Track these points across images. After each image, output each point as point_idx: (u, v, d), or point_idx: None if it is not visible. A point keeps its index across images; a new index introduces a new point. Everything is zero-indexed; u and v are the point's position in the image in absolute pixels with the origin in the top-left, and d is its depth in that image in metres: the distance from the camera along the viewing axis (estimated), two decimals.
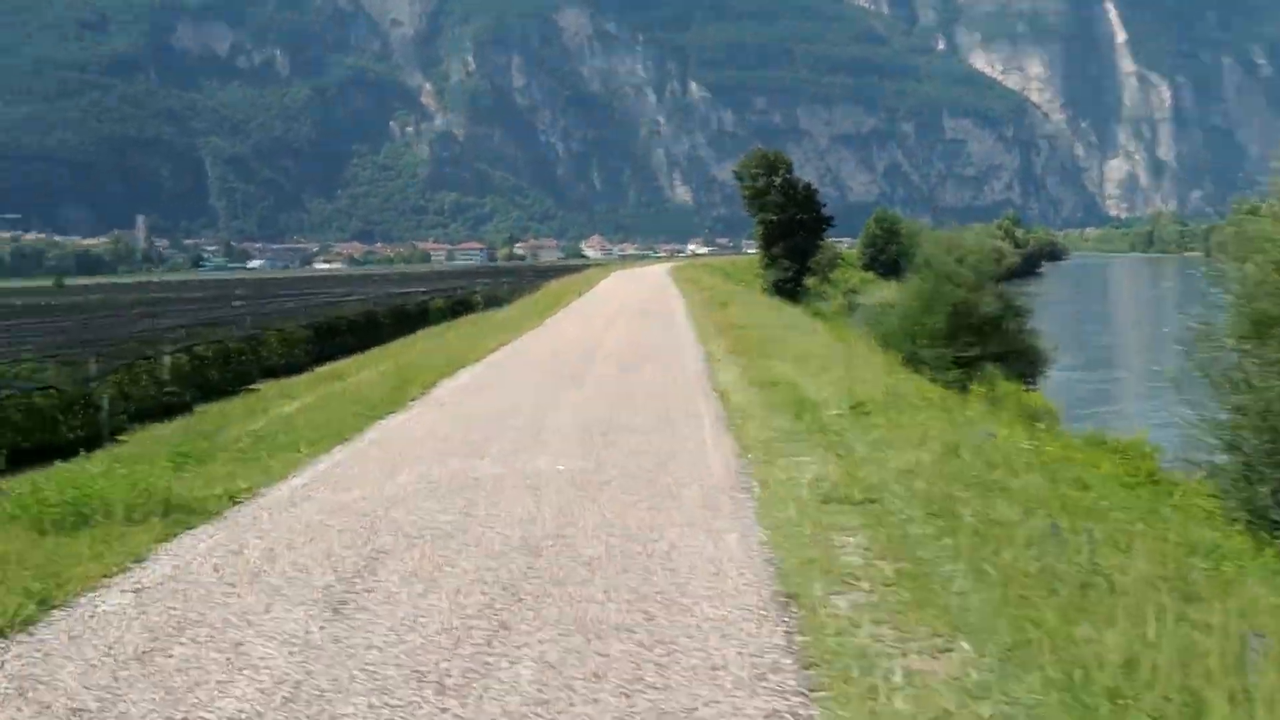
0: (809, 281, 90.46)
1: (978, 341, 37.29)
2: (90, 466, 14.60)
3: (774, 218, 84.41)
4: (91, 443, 23.67)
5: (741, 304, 51.06)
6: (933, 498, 11.72)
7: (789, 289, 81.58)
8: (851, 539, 10.58)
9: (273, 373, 40.12)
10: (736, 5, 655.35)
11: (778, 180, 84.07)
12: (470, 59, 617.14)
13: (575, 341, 35.46)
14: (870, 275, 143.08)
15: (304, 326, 46.66)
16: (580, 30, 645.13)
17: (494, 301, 69.58)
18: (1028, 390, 38.40)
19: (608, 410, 19.67)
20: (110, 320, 55.44)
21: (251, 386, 37.14)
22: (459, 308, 64.08)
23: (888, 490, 12.25)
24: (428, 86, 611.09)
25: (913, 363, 35.45)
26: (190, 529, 11.73)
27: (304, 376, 34.47)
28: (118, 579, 10.01)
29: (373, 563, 10.29)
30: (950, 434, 15.84)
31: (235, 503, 12.96)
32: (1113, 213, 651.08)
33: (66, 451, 19.10)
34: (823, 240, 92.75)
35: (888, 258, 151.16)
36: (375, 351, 40.67)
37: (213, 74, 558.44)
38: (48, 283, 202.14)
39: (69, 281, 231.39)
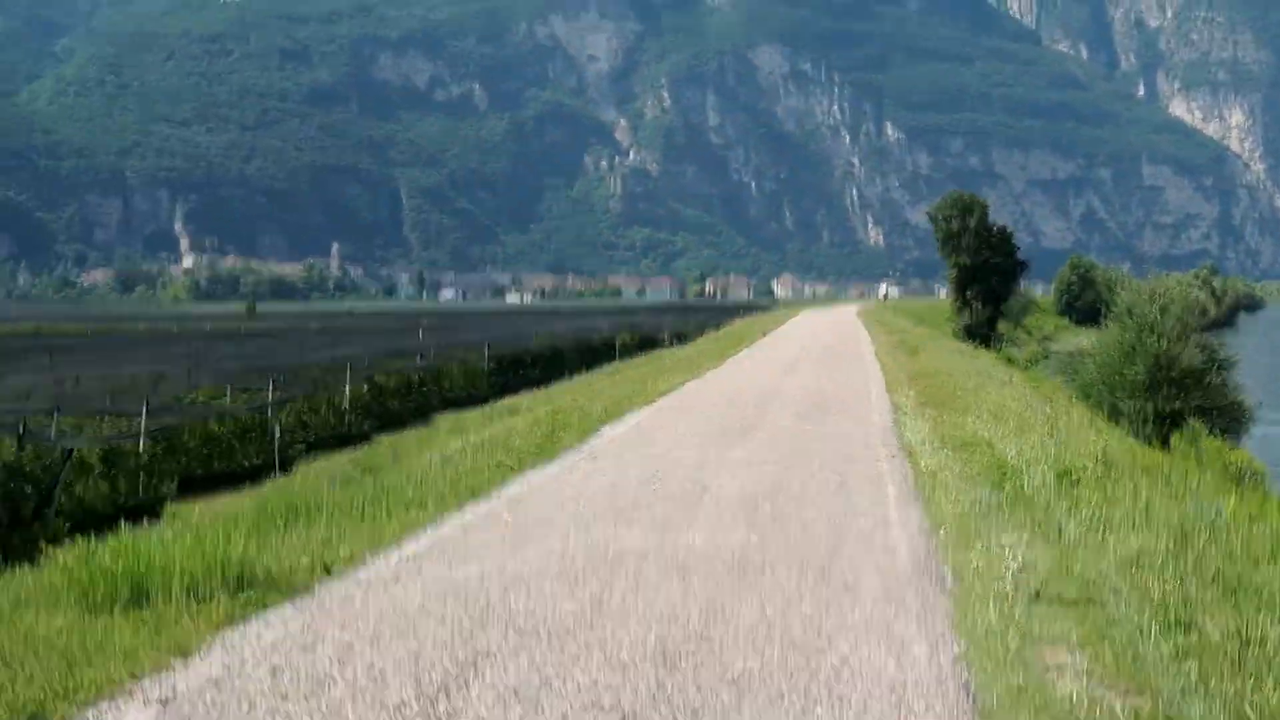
0: (1002, 327, 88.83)
1: (1179, 395, 35.73)
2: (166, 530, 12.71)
3: (967, 261, 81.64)
4: (262, 471, 22.90)
5: (932, 350, 49.05)
6: (1166, 601, 9.59)
7: (981, 334, 79.39)
8: (1068, 658, 8.39)
9: (455, 404, 39.33)
10: (934, 47, 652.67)
11: (972, 223, 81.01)
12: (665, 95, 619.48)
13: (752, 386, 33.79)
14: (1065, 322, 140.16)
15: (488, 358, 45.81)
16: (776, 69, 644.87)
17: (681, 338, 68.12)
18: (1232, 448, 37.19)
19: (779, 472, 17.49)
20: (296, 347, 54.94)
21: (431, 417, 36.12)
22: (645, 343, 62.84)
23: (1109, 587, 10.10)
24: (622, 122, 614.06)
25: (1111, 416, 34.81)
26: (262, 611, 9.76)
27: (480, 411, 32.96)
28: (147, 682, 7.99)
29: (467, 671, 8.23)
30: (1175, 511, 13.58)
31: (328, 575, 11.03)
32: None
33: (240, 478, 18.42)
34: (1017, 285, 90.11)
35: (1083, 304, 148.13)
36: (559, 386, 39.16)
37: (411, 105, 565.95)
38: (241, 308, 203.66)
39: (262, 308, 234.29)
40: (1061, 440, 19.25)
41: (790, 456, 19.12)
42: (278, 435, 27.15)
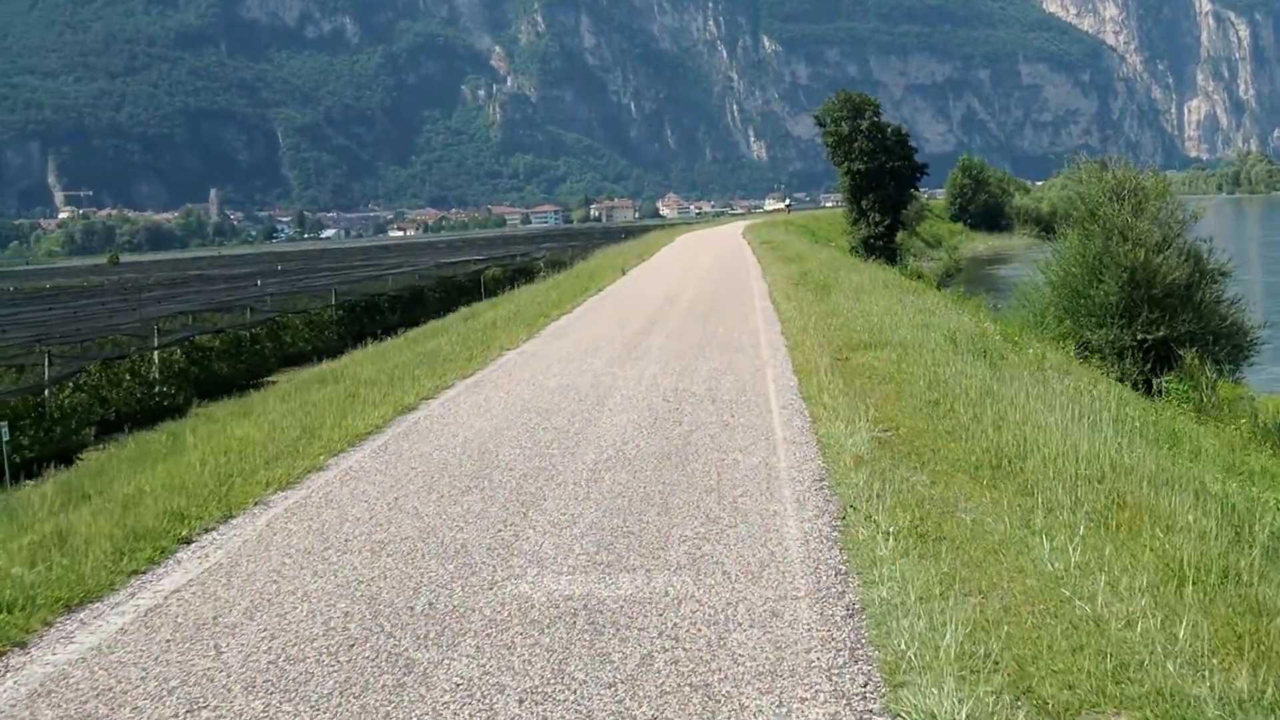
0: (900, 237, 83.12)
1: (1164, 319, 28.24)
2: None
3: (862, 167, 75.07)
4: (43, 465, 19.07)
5: (846, 285, 34.65)
6: None
7: (880, 246, 73.84)
8: None
9: (298, 360, 35.10)
10: None
11: (865, 125, 75.15)
12: (539, 19, 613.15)
13: (563, 390, 19.20)
14: (959, 227, 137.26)
15: (335, 306, 41.03)
16: None
17: (559, 267, 63.14)
18: (1239, 384, 28.58)
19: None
20: (111, 307, 48.33)
21: (269, 379, 32.10)
22: (519, 276, 57.54)
23: None
24: (497, 49, 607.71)
25: (1079, 351, 27.48)
26: None
27: (317, 369, 28.44)
28: None
29: None
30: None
31: None
32: (1193, 154, 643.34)
33: None
34: (916, 190, 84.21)
35: (976, 208, 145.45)
36: (415, 333, 34.69)
37: (282, 44, 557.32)
38: (111, 260, 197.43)
39: (135, 257, 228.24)
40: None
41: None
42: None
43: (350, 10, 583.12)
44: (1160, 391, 25.06)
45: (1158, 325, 27.88)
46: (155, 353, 28.92)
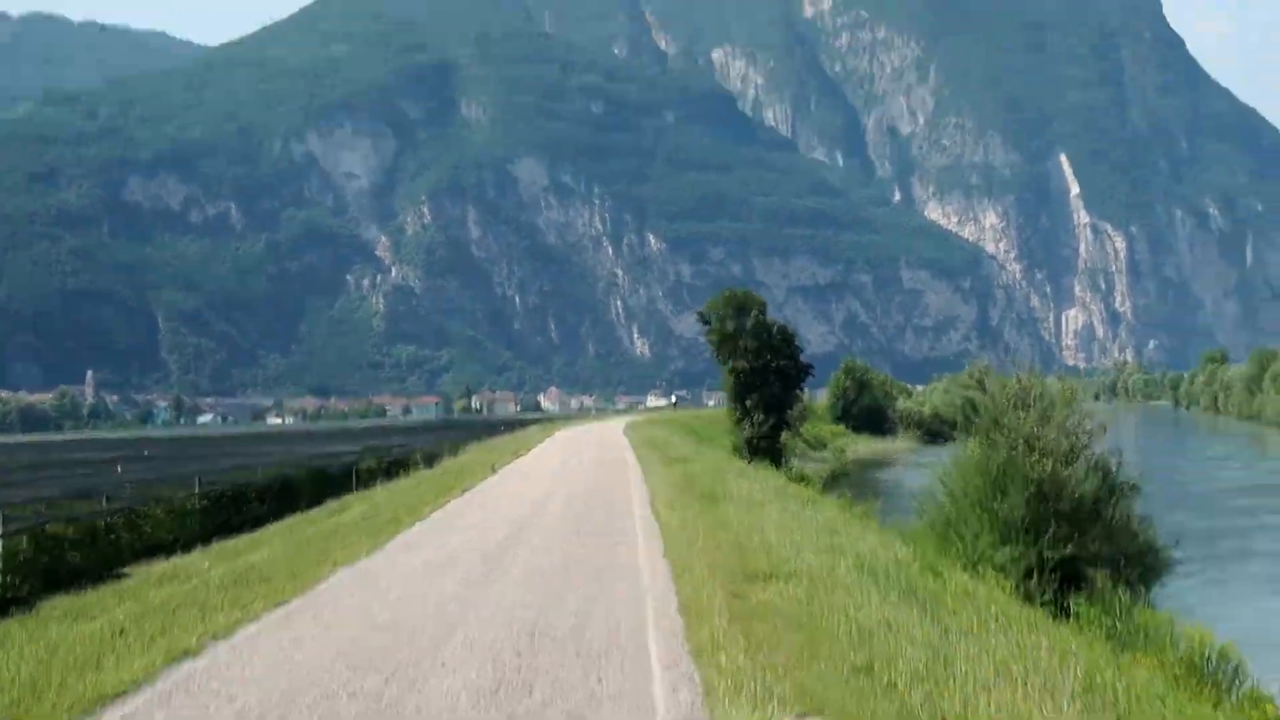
0: (785, 437, 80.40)
1: (1072, 536, 25.89)
2: None
3: (746, 365, 73.08)
4: None
5: (736, 493, 33.03)
6: None
7: (764, 447, 71.94)
8: None
9: (158, 550, 32.68)
10: (692, 157, 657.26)
11: (749, 323, 72.91)
12: (425, 210, 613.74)
13: (394, 628, 15.68)
14: (842, 429, 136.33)
15: (199, 495, 38.41)
16: (536, 181, 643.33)
17: (433, 460, 60.91)
18: (1150, 609, 24.95)
19: None
20: None
21: (123, 571, 29.49)
22: (393, 468, 55.35)
23: None
24: (383, 239, 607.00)
25: (978, 565, 25.21)
26: None
27: (173, 562, 26.32)
28: None
29: None
30: None
31: None
32: (1070, 362, 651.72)
33: None
34: (801, 391, 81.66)
35: (859, 410, 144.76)
36: (281, 526, 32.44)
37: (166, 227, 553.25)
38: None
39: (5, 439, 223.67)
40: None
41: None
42: None
43: (235, 196, 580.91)
44: (1070, 614, 22.73)
45: (1066, 543, 25.78)
46: None
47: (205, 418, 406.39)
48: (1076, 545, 25.63)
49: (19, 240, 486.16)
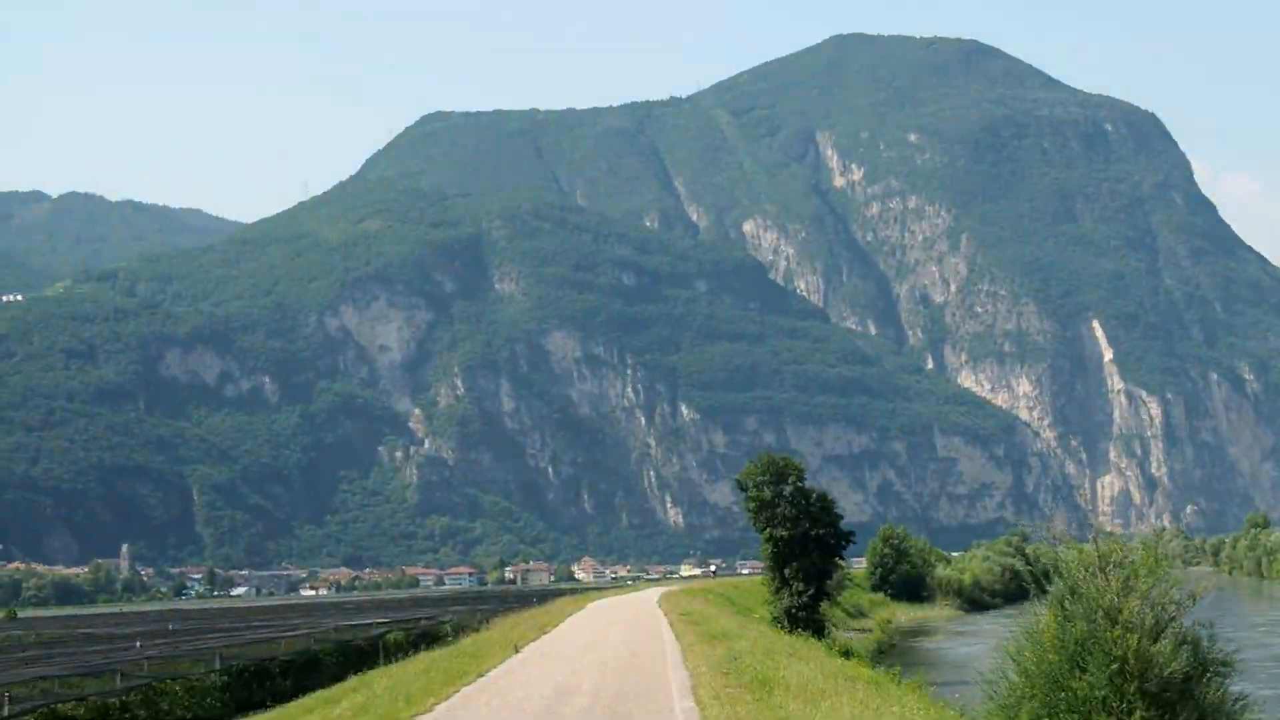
0: (823, 607, 77.95)
1: (1160, 716, 23.36)
2: None
3: (785, 533, 70.89)
4: None
5: (794, 679, 28.89)
6: None
7: (803, 617, 69.61)
8: None
9: None
10: (724, 327, 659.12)
11: (788, 490, 71.81)
12: (459, 383, 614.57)
13: None
14: (880, 597, 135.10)
15: (219, 671, 37.36)
16: (568, 354, 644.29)
17: (460, 631, 59.28)
18: None
19: None
20: None
21: None
22: (422, 640, 53.86)
23: None
24: (416, 411, 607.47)
25: None
26: None
27: None
28: None
29: None
30: None
31: None
32: (1107, 529, 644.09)
33: None
34: (841, 559, 79.25)
35: (897, 578, 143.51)
36: (307, 700, 31.36)
37: (201, 401, 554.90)
38: (8, 615, 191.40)
39: (40, 612, 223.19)
40: None
41: None
42: None
43: (269, 370, 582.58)
44: None
45: None
46: None
47: (239, 590, 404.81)
48: None
49: (56, 418, 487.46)
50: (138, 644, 50.90)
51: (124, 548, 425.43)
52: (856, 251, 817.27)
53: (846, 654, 50.21)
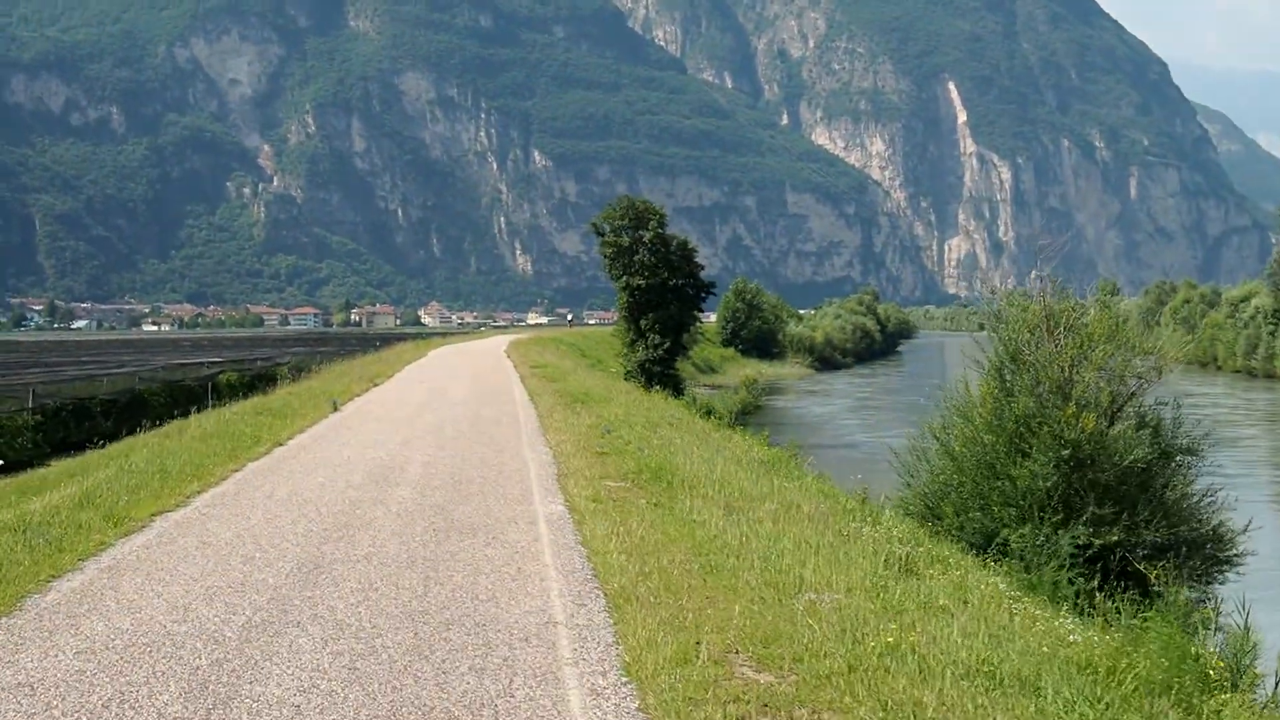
0: (680, 364, 73.92)
1: (1118, 516, 19.26)
2: None
3: (642, 283, 66.46)
4: None
5: (714, 482, 21.58)
6: None
7: (658, 373, 65.74)
8: None
9: None
10: (581, 75, 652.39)
11: (647, 236, 67.05)
12: (310, 120, 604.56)
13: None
14: (731, 352, 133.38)
15: (31, 410, 34.32)
16: (422, 95, 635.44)
17: (302, 374, 55.67)
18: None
19: None
20: None
21: None
22: (258, 382, 50.50)
23: None
24: (266, 148, 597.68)
25: (983, 552, 19.43)
26: None
27: None
28: None
29: None
30: None
31: None
32: (951, 291, 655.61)
33: None
34: (701, 312, 75.49)
35: (749, 334, 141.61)
36: (126, 443, 27.73)
37: (46, 129, 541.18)
38: None
39: None
40: None
41: None
42: None
43: (117, 99, 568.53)
44: (1109, 618, 15.72)
45: (1111, 525, 19.15)
46: None
47: (80, 323, 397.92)
48: (1124, 529, 19.18)
49: None
50: None
51: None
52: (716, 3, 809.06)
53: (708, 414, 46.18)
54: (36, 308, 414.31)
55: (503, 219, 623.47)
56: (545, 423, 31.91)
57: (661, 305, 65.96)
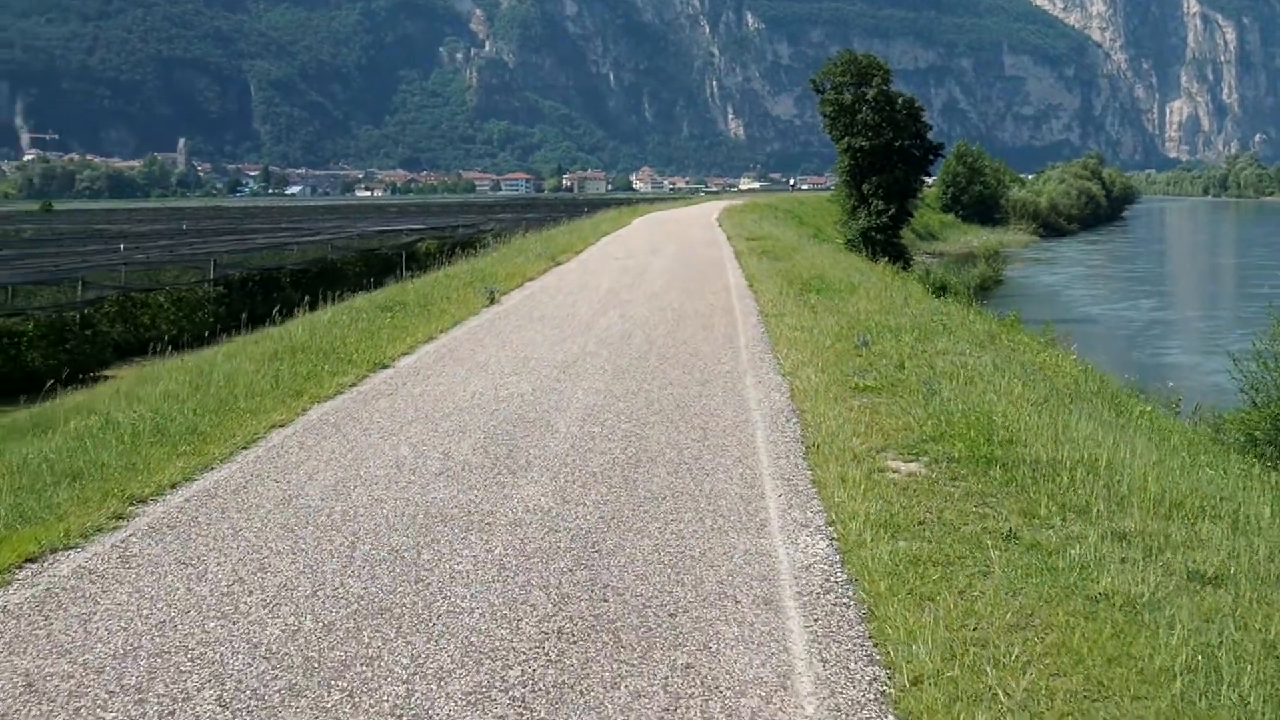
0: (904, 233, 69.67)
1: None
2: None
3: (865, 144, 61.31)
4: None
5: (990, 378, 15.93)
6: None
7: (881, 241, 60.48)
8: None
9: (173, 346, 25.62)
10: None
11: (871, 94, 62.42)
12: None
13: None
14: (951, 219, 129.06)
15: (214, 282, 31.92)
16: None
17: (497, 241, 52.27)
18: None
19: None
20: None
21: (104, 374, 23.45)
22: (459, 250, 47.37)
23: None
24: (478, 12, 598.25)
25: None
26: None
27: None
28: None
29: None
30: None
31: None
32: (1172, 155, 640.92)
33: None
34: (928, 175, 70.73)
35: (969, 199, 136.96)
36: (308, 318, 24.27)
37: None
38: (44, 207, 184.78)
39: (79, 205, 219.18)
40: None
41: None
42: None
43: None
44: None
45: None
46: None
47: (294, 188, 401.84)
48: None
49: (113, 6, 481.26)
50: (120, 247, 44.71)
51: (181, 142, 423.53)
52: None
53: (942, 290, 39.56)
54: (252, 173, 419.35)
55: (715, 83, 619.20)
56: (773, 328, 22.44)
57: (886, 168, 61.68)
